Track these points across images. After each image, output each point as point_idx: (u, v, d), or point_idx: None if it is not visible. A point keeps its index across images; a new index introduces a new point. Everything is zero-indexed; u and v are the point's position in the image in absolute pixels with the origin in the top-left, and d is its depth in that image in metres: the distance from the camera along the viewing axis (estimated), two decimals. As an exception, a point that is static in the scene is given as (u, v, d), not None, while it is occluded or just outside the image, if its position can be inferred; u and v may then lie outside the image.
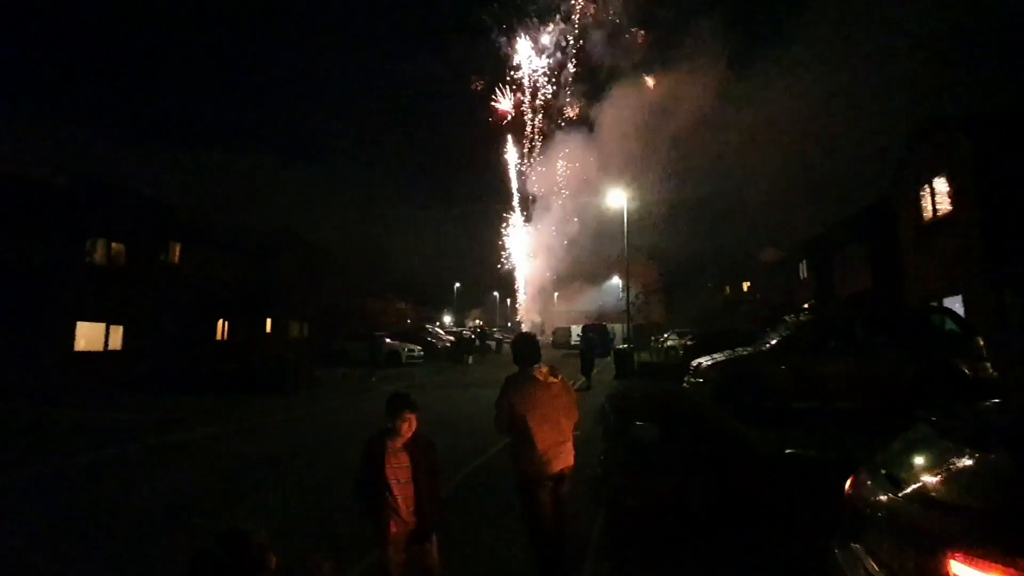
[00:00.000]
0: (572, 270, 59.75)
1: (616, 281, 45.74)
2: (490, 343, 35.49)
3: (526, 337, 3.75)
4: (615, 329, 32.64)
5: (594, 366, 17.13)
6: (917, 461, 2.45)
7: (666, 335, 29.59)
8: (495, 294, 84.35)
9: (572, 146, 48.50)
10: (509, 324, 72.89)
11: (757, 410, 8.79)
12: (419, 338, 29.00)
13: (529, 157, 55.65)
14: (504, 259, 62.70)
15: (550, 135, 53.27)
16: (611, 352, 23.56)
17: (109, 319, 16.41)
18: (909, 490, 2.19)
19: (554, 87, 52.82)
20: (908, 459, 2.51)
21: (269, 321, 24.64)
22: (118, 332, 16.72)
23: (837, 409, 8.90)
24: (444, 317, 74.63)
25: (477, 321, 75.06)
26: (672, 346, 25.64)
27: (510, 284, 66.58)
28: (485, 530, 4.72)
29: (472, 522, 4.89)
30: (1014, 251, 11.06)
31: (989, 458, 2.08)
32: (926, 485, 2.18)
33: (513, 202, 59.54)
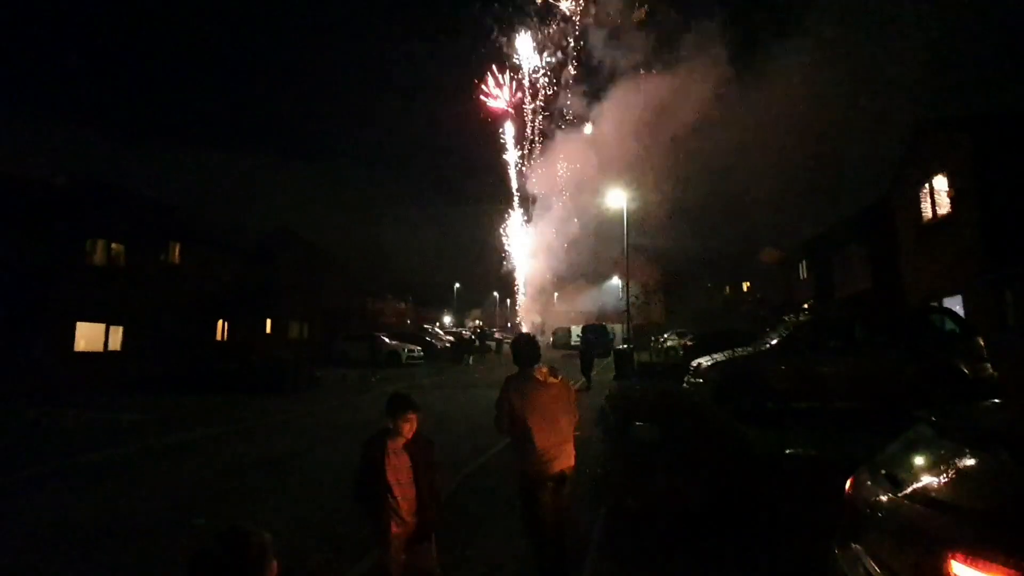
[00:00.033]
0: (572, 270, 59.70)
1: (616, 281, 45.70)
2: (490, 343, 35.46)
3: (526, 337, 3.76)
4: (615, 329, 32.66)
5: (594, 367, 17.07)
6: (917, 461, 2.45)
7: (666, 335, 29.60)
8: (495, 294, 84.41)
9: (572, 146, 48.53)
10: (509, 324, 72.85)
11: (757, 410, 8.80)
12: (419, 338, 29.01)
13: (529, 157, 55.66)
14: (504, 259, 62.68)
15: (550, 135, 53.26)
16: (611, 352, 23.58)
17: (109, 319, 16.42)
18: (909, 490, 2.19)
19: (555, 87, 52.81)
20: (908, 459, 2.50)
21: (269, 321, 24.66)
22: (118, 332, 16.73)
23: (837, 409, 8.90)
24: (444, 317, 74.63)
25: (477, 321, 75.07)
26: (672, 346, 25.66)
27: (510, 284, 66.55)
28: (485, 530, 4.72)
29: (472, 522, 4.90)
30: (1014, 251, 11.06)
31: (989, 458, 2.08)
32: (926, 485, 2.18)
33: (513, 202, 59.51)
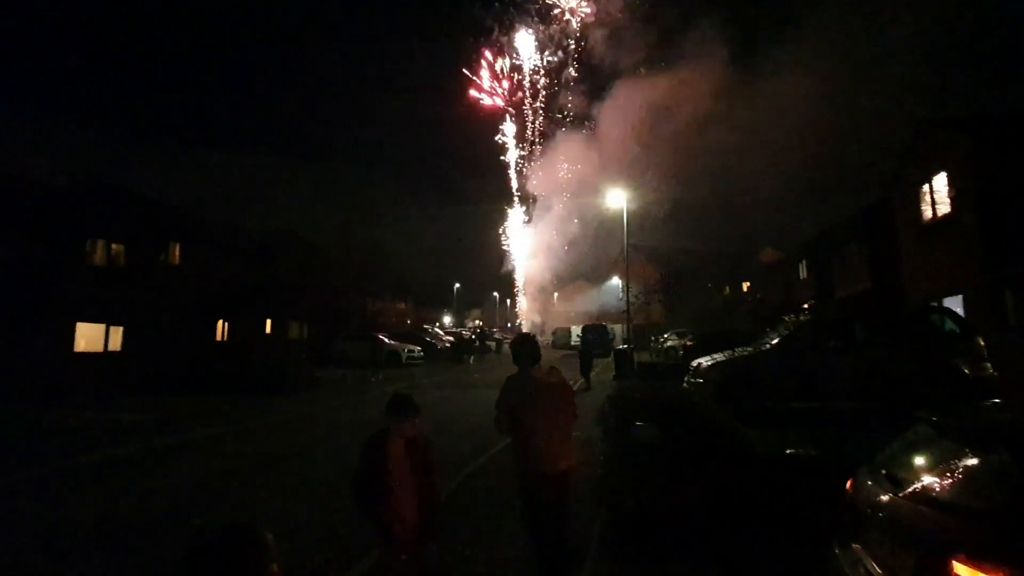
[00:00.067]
0: (572, 270, 59.67)
1: (616, 281, 45.68)
2: (490, 343, 35.45)
3: (526, 337, 3.76)
4: (615, 329, 32.66)
5: (593, 367, 17.03)
6: (917, 461, 2.45)
7: (666, 335, 29.57)
8: (495, 294, 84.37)
9: (572, 146, 48.45)
10: (509, 324, 72.83)
11: (757, 410, 8.80)
12: (419, 339, 28.99)
13: (529, 157, 55.57)
14: (504, 259, 62.61)
15: (550, 134, 53.14)
16: (611, 352, 23.56)
17: (109, 320, 16.39)
18: (910, 490, 2.19)
19: (555, 86, 52.69)
20: (908, 459, 2.51)
21: (269, 322, 24.61)
22: (118, 333, 16.71)
23: (837, 409, 8.90)
24: (444, 317, 74.60)
25: (477, 321, 75.08)
26: (672, 346, 25.63)
27: (510, 284, 66.48)
28: (485, 530, 4.72)
29: (473, 522, 4.90)
30: (1014, 251, 11.06)
31: (990, 458, 2.08)
32: (927, 485, 2.18)
33: (513, 202, 59.41)
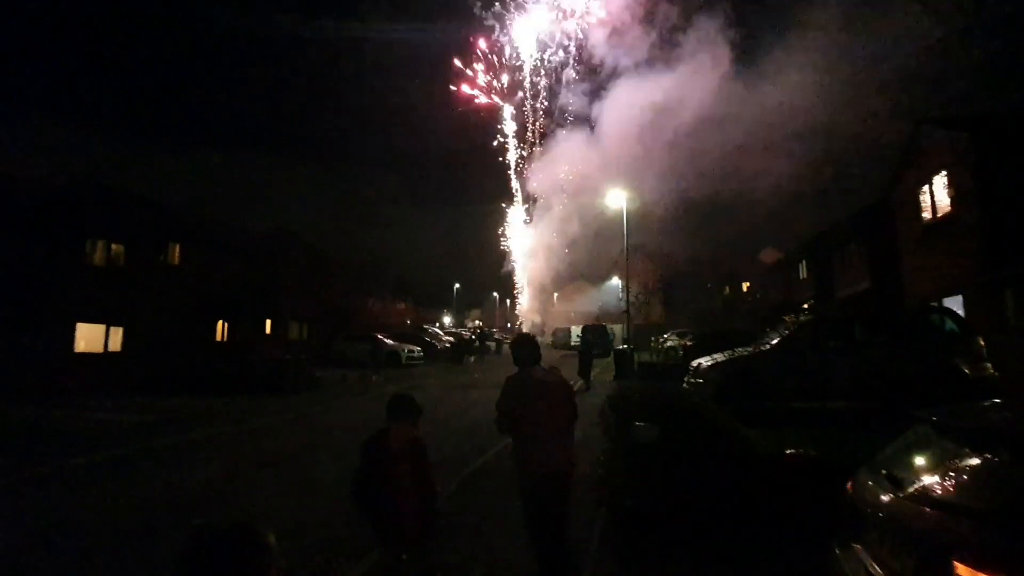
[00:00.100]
0: (572, 270, 59.62)
1: (616, 281, 45.68)
2: (490, 344, 35.43)
3: (526, 338, 3.76)
4: (615, 330, 32.65)
5: (592, 368, 16.85)
6: (918, 461, 2.45)
7: (666, 335, 29.57)
8: (495, 295, 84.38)
9: (573, 145, 48.37)
10: (509, 325, 72.83)
11: (757, 410, 8.79)
12: (418, 339, 28.98)
13: (530, 157, 55.51)
14: (504, 259, 62.57)
15: (551, 134, 53.06)
16: (611, 353, 23.55)
17: (109, 320, 16.40)
18: (910, 490, 2.19)
19: (556, 85, 52.63)
20: (909, 459, 2.50)
21: (269, 322, 24.61)
22: (118, 333, 16.71)
23: (837, 409, 8.90)
24: (444, 318, 74.62)
25: (477, 322, 75.07)
26: (672, 346, 25.61)
27: (510, 284, 66.43)
28: (485, 530, 4.72)
29: (473, 522, 4.90)
30: (1014, 251, 11.05)
31: (990, 458, 2.08)
32: (927, 485, 2.18)
33: (513, 202, 59.34)
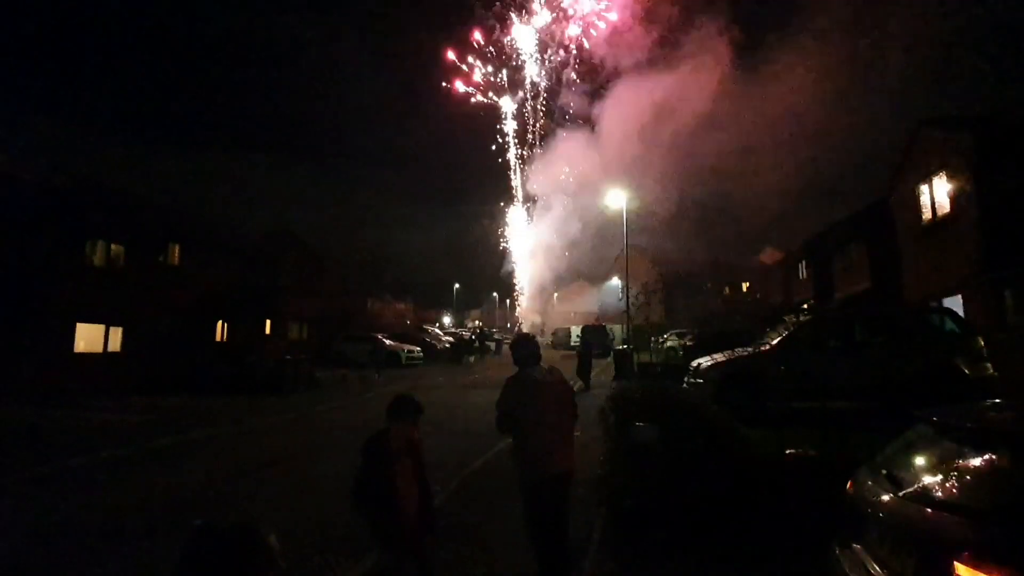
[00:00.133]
0: (572, 270, 59.59)
1: (616, 282, 45.61)
2: (489, 344, 35.42)
3: (526, 338, 3.76)
4: (615, 330, 32.63)
5: (592, 368, 16.37)
6: (918, 461, 2.45)
7: (666, 336, 29.59)
8: (494, 295, 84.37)
9: (573, 145, 48.30)
10: (508, 325, 72.83)
11: (757, 410, 8.79)
12: (418, 339, 28.99)
13: (530, 157, 55.49)
14: (504, 259, 62.57)
15: (551, 134, 53.00)
16: (611, 353, 23.52)
17: (109, 320, 16.39)
18: (910, 490, 2.19)
19: (556, 85, 52.55)
20: (909, 459, 2.50)
21: (268, 322, 24.59)
22: (117, 334, 16.70)
23: (837, 409, 8.89)
24: (444, 318, 74.64)
25: (476, 322, 75.07)
26: (672, 347, 25.63)
27: (510, 285, 66.41)
28: (485, 530, 4.72)
29: (473, 522, 4.90)
30: (1013, 251, 11.06)
31: (990, 458, 2.08)
32: (927, 485, 2.18)
33: (513, 202, 59.34)
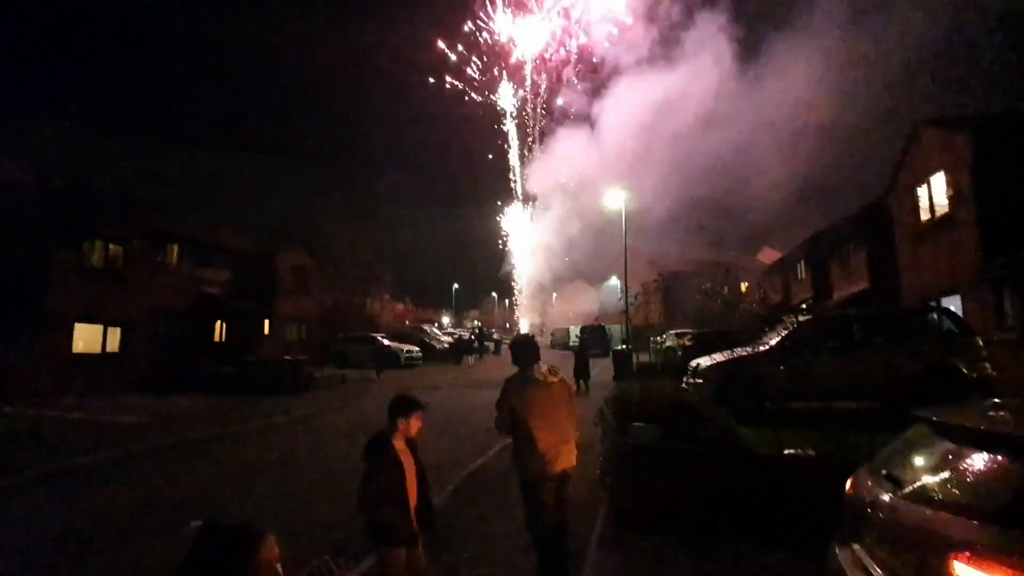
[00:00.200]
0: (571, 270, 59.67)
1: (615, 281, 45.72)
2: (488, 344, 35.43)
3: (525, 338, 3.76)
4: (613, 330, 32.66)
5: (590, 368, 15.39)
6: (917, 461, 2.45)
7: (665, 335, 29.57)
8: (494, 295, 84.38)
9: (573, 144, 48.32)
10: (508, 325, 72.85)
11: (756, 410, 8.80)
12: (417, 339, 28.97)
13: (530, 156, 55.47)
14: (503, 259, 62.62)
15: (551, 133, 52.98)
16: (610, 353, 23.53)
17: (107, 321, 16.36)
18: (910, 490, 2.19)
19: (557, 84, 52.52)
20: (908, 459, 2.50)
21: (267, 323, 24.57)
22: (116, 334, 16.67)
23: (836, 409, 8.91)
24: (443, 318, 74.63)
25: (476, 322, 75.08)
26: (671, 347, 25.60)
27: (509, 285, 66.48)
28: (485, 530, 4.72)
29: (472, 522, 4.90)
30: (1012, 251, 11.08)
31: (989, 458, 2.08)
32: (927, 485, 2.18)
33: (513, 202, 59.36)
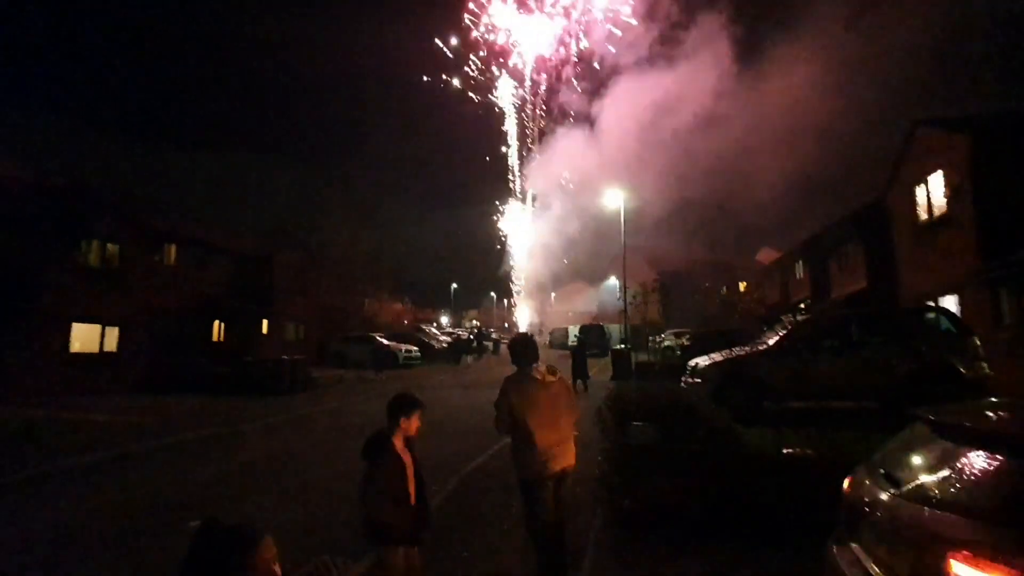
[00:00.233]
0: (570, 270, 59.70)
1: (614, 281, 45.73)
2: (487, 343, 35.43)
3: (524, 337, 3.76)
4: (612, 329, 32.68)
5: (588, 368, 15.20)
6: (916, 460, 2.45)
7: (663, 335, 29.60)
8: (492, 294, 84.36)
9: (572, 144, 48.31)
10: (506, 324, 72.85)
11: (755, 410, 8.80)
12: (416, 339, 28.98)
13: (529, 156, 55.47)
14: (502, 259, 62.63)
15: (551, 133, 52.97)
16: (608, 352, 23.54)
17: (105, 320, 16.33)
18: (907, 489, 2.19)
19: (556, 83, 52.49)
20: (907, 458, 2.50)
21: (265, 322, 24.53)
22: (113, 333, 16.64)
23: (835, 409, 8.91)
24: (441, 318, 74.64)
25: (475, 322, 75.11)
26: (670, 346, 25.64)
27: (507, 284, 66.48)
28: (484, 530, 4.72)
29: (471, 522, 4.90)
30: (1009, 250, 11.10)
31: (988, 457, 2.08)
32: (925, 484, 2.18)
33: (512, 202, 59.34)
